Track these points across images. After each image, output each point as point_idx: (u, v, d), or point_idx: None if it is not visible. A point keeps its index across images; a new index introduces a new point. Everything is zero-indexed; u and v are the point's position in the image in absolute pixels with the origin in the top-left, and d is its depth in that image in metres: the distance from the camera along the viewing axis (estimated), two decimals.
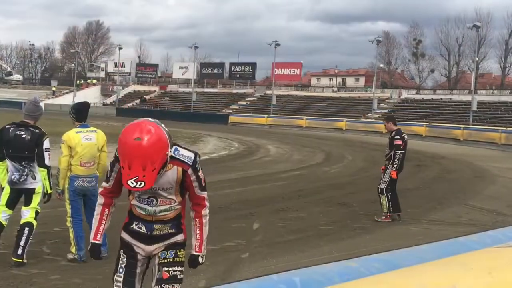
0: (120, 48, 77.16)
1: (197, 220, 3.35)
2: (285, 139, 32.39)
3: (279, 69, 66.93)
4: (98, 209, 3.43)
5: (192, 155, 3.22)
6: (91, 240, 3.41)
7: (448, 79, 75.20)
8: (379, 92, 58.96)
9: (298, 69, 68.79)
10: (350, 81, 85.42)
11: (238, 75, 73.98)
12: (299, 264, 6.23)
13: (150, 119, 3.02)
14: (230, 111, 61.18)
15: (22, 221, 5.92)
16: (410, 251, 1.25)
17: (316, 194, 12.14)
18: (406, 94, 58.38)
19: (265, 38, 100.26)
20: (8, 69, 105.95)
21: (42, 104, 7.05)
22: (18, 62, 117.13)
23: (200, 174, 3.26)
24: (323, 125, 48.14)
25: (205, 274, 5.80)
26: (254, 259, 6.58)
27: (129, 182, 2.86)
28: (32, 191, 5.94)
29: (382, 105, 54.82)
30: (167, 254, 3.34)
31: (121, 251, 3.41)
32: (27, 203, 5.98)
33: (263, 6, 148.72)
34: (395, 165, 9.06)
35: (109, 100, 76.28)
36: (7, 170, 5.96)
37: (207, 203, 3.35)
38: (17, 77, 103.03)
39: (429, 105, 53.04)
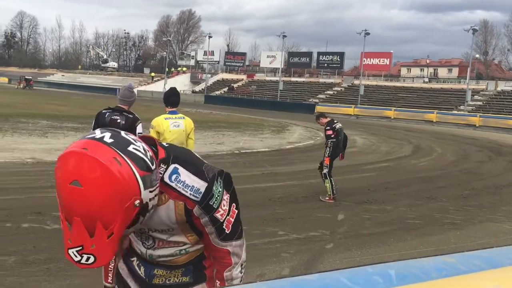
0: (210, 37, 78.69)
1: (218, 282, 2.04)
2: (372, 130, 31.83)
3: (368, 59, 65.74)
4: None
5: (201, 186, 1.86)
6: (103, 281, 2.35)
7: None
8: (474, 83, 56.50)
9: (388, 59, 67.20)
10: (442, 72, 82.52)
11: (325, 65, 73.39)
12: (385, 258, 6.11)
13: (107, 135, 1.64)
14: (317, 100, 60.90)
15: None
16: None
17: (403, 187, 11.84)
18: (503, 86, 55.44)
19: (356, 27, 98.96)
20: (105, 57, 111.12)
21: (135, 91, 7.30)
22: (113, 50, 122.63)
23: (220, 214, 1.91)
24: (412, 116, 46.90)
25: (289, 262, 5.83)
26: (339, 250, 6.52)
27: (70, 252, 1.64)
28: None
29: (476, 97, 52.50)
30: None
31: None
32: None
33: None
34: (327, 153, 9.89)
35: (197, 88, 78.10)
36: None
37: (234, 259, 2.00)
38: (112, 64, 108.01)
39: None
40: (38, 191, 8.69)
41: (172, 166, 1.85)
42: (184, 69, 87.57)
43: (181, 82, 76.21)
